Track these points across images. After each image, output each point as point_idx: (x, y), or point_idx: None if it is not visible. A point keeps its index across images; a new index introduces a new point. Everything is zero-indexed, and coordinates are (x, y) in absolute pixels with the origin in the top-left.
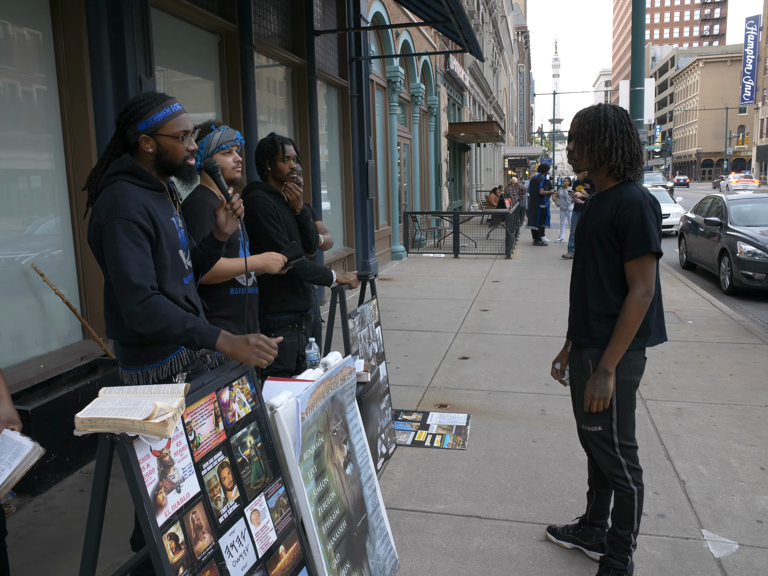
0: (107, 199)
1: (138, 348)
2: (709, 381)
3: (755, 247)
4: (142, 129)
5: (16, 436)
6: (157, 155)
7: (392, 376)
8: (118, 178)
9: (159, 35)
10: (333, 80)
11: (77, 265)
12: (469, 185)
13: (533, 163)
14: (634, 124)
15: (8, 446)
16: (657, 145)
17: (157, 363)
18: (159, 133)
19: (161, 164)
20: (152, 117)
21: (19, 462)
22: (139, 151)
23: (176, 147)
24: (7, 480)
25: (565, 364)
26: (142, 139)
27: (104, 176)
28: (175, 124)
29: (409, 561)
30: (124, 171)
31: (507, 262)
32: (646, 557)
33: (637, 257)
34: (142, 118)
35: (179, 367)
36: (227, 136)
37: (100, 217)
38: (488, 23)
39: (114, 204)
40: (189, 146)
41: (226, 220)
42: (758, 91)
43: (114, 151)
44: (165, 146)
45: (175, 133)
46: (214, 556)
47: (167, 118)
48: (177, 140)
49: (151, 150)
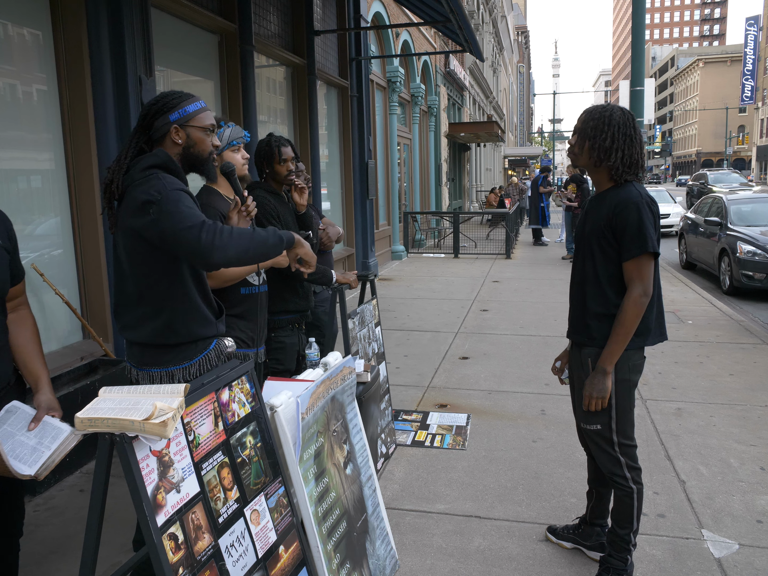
0: (153, 183)
1: (163, 348)
2: (709, 381)
3: (755, 247)
4: (174, 119)
5: (55, 422)
6: (186, 147)
7: (392, 376)
8: (154, 172)
9: (159, 35)
10: (333, 80)
11: (77, 265)
12: (469, 185)
13: (533, 163)
14: (639, 129)
15: (48, 431)
16: (657, 145)
17: (185, 364)
18: (190, 125)
19: (188, 157)
20: (185, 108)
21: (58, 445)
22: (165, 144)
23: (204, 140)
24: (47, 462)
25: (565, 363)
26: (173, 130)
27: (138, 169)
28: (205, 117)
29: (409, 561)
30: (159, 165)
31: (507, 262)
32: (646, 557)
33: (634, 257)
34: (175, 109)
35: (207, 368)
36: (237, 133)
37: (152, 196)
38: (488, 23)
39: (164, 183)
40: (214, 141)
41: (238, 221)
42: (758, 91)
43: (137, 145)
44: (195, 138)
45: (204, 126)
46: (213, 556)
47: (198, 111)
48: (206, 133)
49: (181, 141)
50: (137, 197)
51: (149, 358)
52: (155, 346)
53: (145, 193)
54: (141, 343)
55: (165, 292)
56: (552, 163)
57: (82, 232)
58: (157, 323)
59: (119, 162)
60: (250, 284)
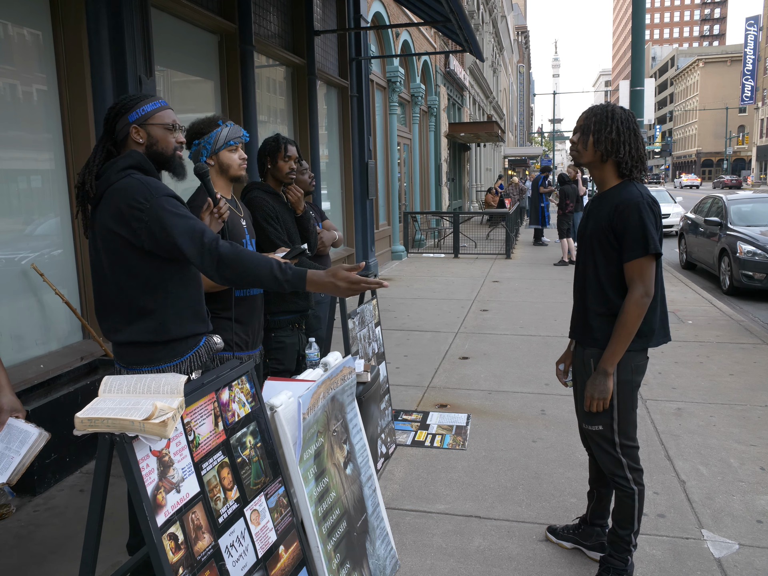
0: (136, 186)
1: (154, 346)
2: (709, 381)
3: (755, 247)
4: (133, 120)
5: (21, 423)
6: (148, 146)
7: (392, 376)
8: (130, 173)
9: (159, 35)
10: (333, 80)
11: (77, 265)
12: (469, 185)
13: (533, 163)
14: (639, 128)
15: (15, 434)
16: (657, 145)
17: (176, 361)
18: (149, 123)
19: (152, 156)
20: (143, 108)
21: (27, 449)
22: (128, 145)
23: (166, 137)
24: (18, 467)
25: (568, 365)
26: (132, 130)
27: (114, 170)
28: (165, 115)
29: (409, 561)
30: (134, 166)
31: (507, 262)
32: (646, 557)
33: (636, 258)
34: (133, 109)
35: (197, 364)
36: (234, 133)
37: (139, 203)
38: (488, 23)
39: (148, 188)
40: (178, 138)
41: (210, 223)
42: (758, 91)
43: (104, 149)
44: (155, 136)
45: (164, 123)
46: (213, 556)
47: (157, 109)
48: (167, 130)
49: (142, 141)
50: (120, 205)
51: (139, 357)
52: (146, 344)
53: (126, 198)
54: (131, 343)
55: (156, 292)
56: (552, 163)
57: (82, 232)
58: (148, 322)
59: (88, 166)
60: None
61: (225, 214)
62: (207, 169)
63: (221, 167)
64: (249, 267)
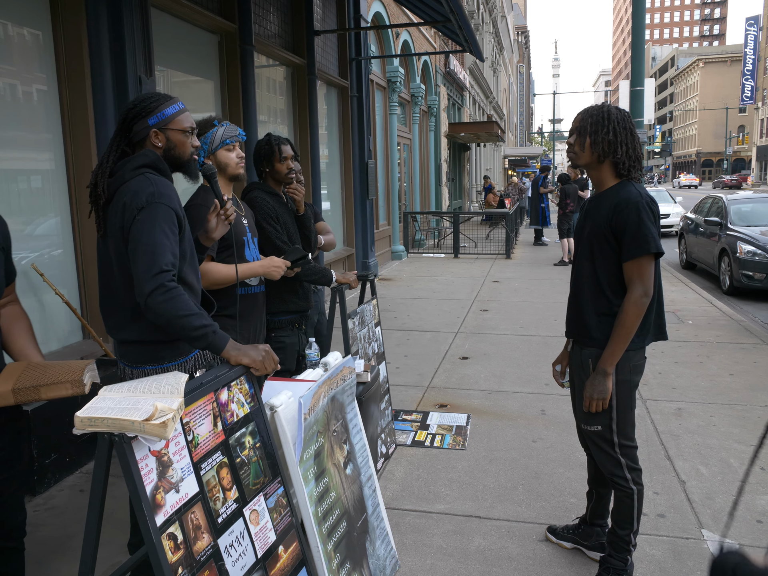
0: (145, 186)
1: (159, 345)
2: (709, 381)
3: (755, 247)
4: (153, 123)
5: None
6: (166, 150)
7: (392, 376)
8: (144, 171)
9: (159, 35)
10: (333, 80)
11: (77, 265)
12: (469, 185)
13: (533, 163)
14: (635, 127)
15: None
16: (657, 145)
17: (181, 359)
18: (169, 128)
19: (169, 159)
20: (163, 112)
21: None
22: (145, 147)
23: (184, 142)
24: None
25: (565, 365)
26: (152, 134)
27: (128, 168)
28: (184, 119)
29: (410, 561)
30: (149, 164)
31: (507, 262)
32: (646, 557)
33: (635, 258)
34: (153, 113)
35: (202, 363)
36: (231, 132)
37: (141, 201)
38: (488, 23)
39: (156, 190)
40: (194, 142)
41: (216, 225)
42: (758, 91)
43: (118, 148)
44: (174, 141)
45: (183, 128)
46: (213, 556)
47: (177, 113)
48: (185, 135)
49: (161, 145)
50: (125, 200)
51: (144, 356)
52: (151, 342)
53: (131, 196)
54: (135, 341)
55: None
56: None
57: (82, 232)
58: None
59: (102, 166)
60: (247, 285)
61: (232, 215)
62: (215, 171)
63: (219, 166)
64: (189, 303)
